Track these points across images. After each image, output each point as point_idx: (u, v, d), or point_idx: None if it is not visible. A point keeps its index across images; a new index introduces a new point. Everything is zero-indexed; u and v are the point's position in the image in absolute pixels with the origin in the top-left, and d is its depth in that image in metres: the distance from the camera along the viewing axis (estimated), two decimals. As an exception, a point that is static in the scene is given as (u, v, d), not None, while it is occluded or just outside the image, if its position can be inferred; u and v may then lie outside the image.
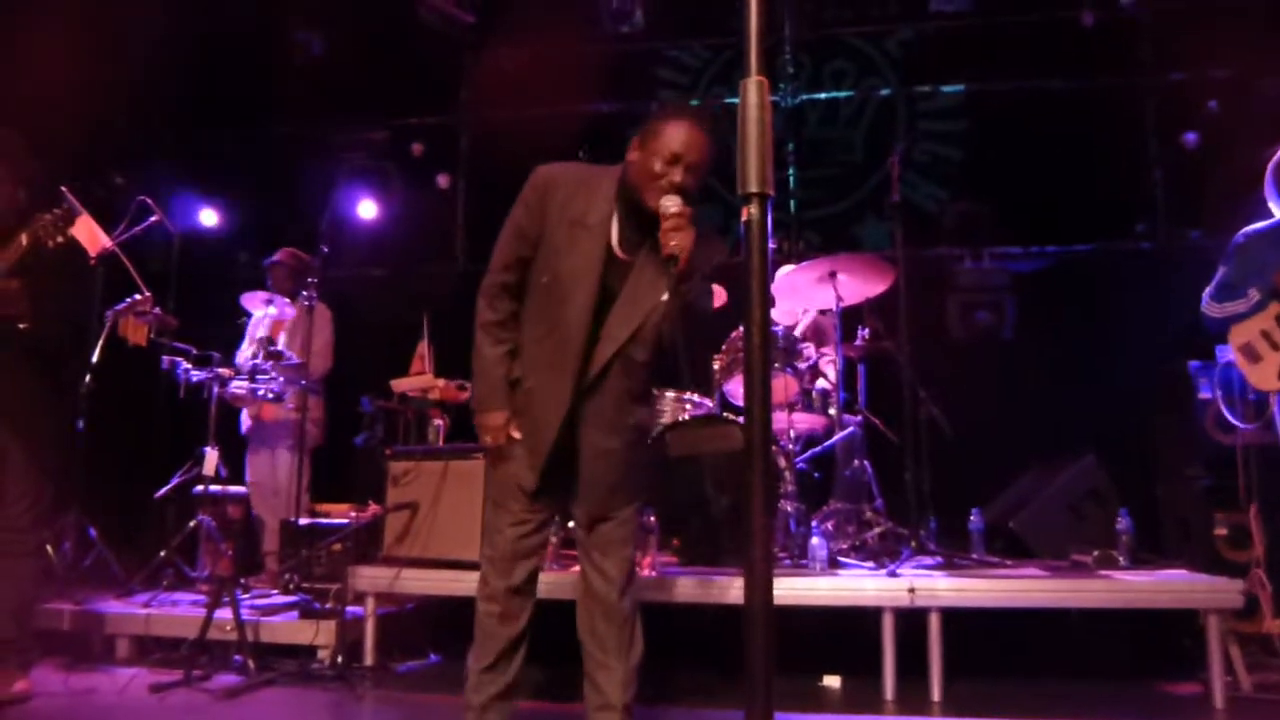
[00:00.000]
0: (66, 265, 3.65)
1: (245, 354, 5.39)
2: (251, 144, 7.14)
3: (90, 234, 4.68)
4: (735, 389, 4.80)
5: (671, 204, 2.42)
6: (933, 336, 5.59)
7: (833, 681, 3.85)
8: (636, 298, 2.56)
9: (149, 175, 6.20)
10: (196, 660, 3.77)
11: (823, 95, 6.99)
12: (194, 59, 6.67)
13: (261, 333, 5.32)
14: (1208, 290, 3.98)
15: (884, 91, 6.92)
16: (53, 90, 5.83)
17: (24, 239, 3.37)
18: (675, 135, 2.49)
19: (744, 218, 1.46)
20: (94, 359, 4.89)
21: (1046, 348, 6.17)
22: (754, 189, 1.48)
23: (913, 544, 4.22)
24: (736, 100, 1.53)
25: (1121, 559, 4.10)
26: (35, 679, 3.56)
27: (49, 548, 4.47)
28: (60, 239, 3.45)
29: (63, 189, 3.53)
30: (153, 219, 5.26)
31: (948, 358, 5.39)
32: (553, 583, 3.58)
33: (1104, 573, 3.95)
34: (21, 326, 3.45)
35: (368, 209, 6.72)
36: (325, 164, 7.01)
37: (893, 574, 3.79)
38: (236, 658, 3.80)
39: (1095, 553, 4.13)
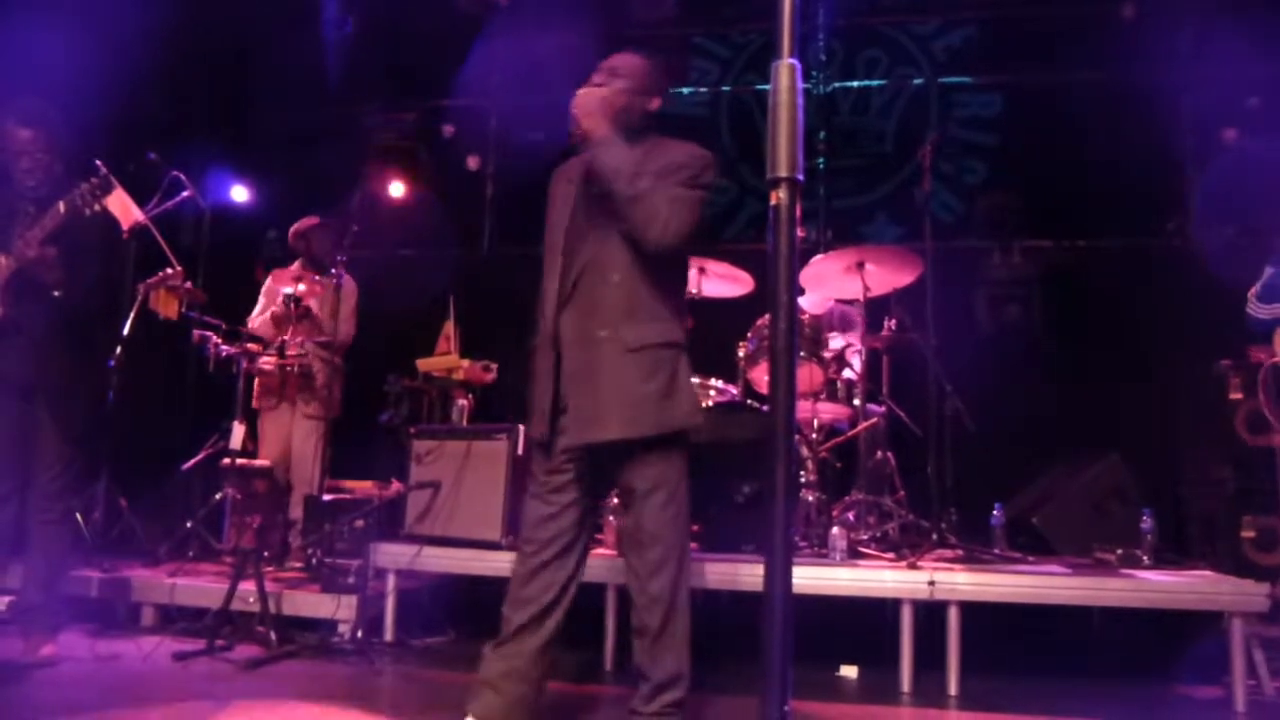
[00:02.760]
0: (100, 236, 3.70)
1: (261, 319, 5.42)
2: (283, 124, 7.18)
3: (124, 207, 4.74)
4: (760, 376, 4.79)
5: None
6: (959, 329, 5.55)
7: (849, 672, 3.85)
8: (590, 213, 2.69)
9: (182, 152, 6.24)
10: (219, 630, 3.82)
11: (855, 84, 6.94)
12: (227, 39, 6.72)
13: (290, 307, 5.34)
14: (1253, 290, 3.92)
15: (917, 81, 6.87)
16: (89, 67, 5.89)
17: (61, 208, 3.42)
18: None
19: (773, 202, 1.46)
20: (125, 331, 4.96)
21: (1074, 343, 6.12)
22: (783, 173, 1.47)
23: (933, 536, 4.20)
24: (768, 86, 1.53)
25: (1145, 558, 4.07)
26: (62, 644, 3.62)
27: (79, 516, 4.53)
28: (95, 209, 3.50)
29: (97, 162, 3.56)
30: (185, 194, 5.31)
31: (974, 350, 5.35)
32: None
33: (1127, 571, 3.92)
34: (56, 293, 3.50)
35: (397, 189, 6.75)
36: (356, 144, 7.05)
37: (913, 566, 3.78)
38: (259, 629, 3.84)
39: (1119, 551, 4.10)
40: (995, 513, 4.45)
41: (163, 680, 3.36)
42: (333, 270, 4.99)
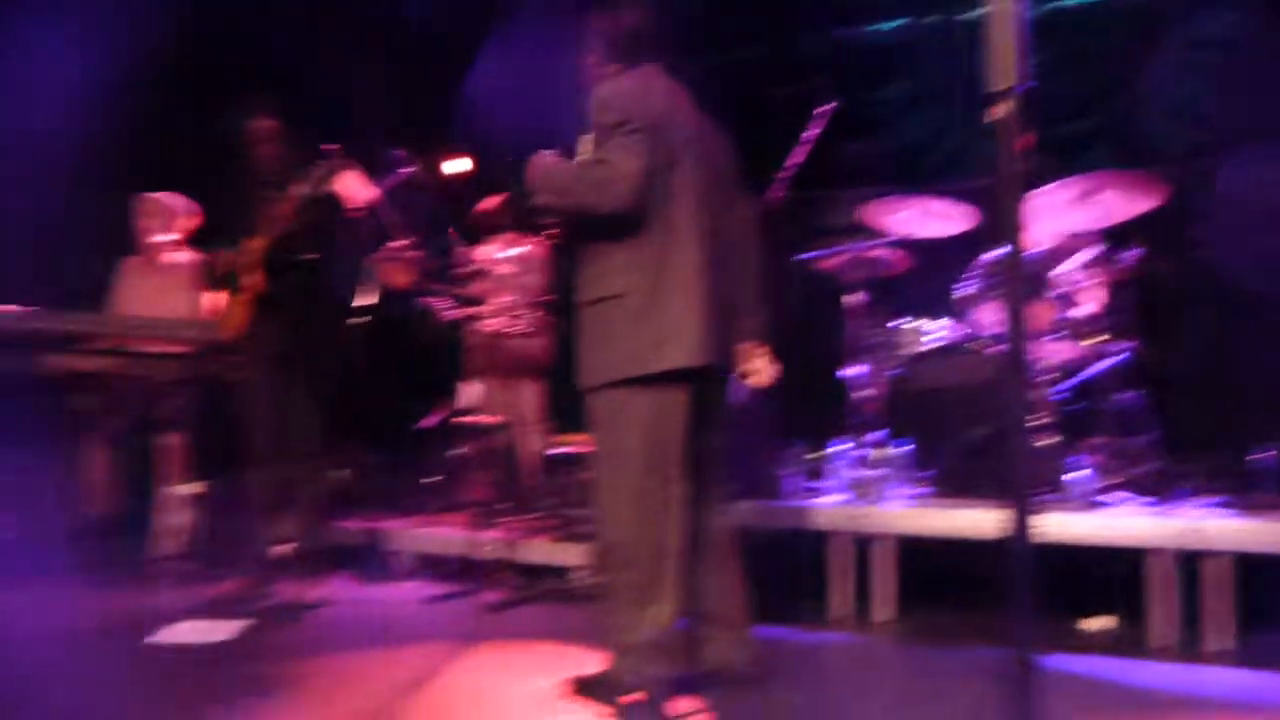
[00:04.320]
0: (336, 214, 3.97)
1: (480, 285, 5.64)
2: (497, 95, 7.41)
3: (354, 186, 5.06)
4: (985, 317, 4.56)
5: None
6: (1213, 255, 5.06)
7: (1097, 624, 3.64)
8: None
9: (402, 131, 6.59)
10: (466, 576, 4.07)
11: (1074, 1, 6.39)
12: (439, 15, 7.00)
13: (508, 270, 5.55)
14: None
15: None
16: (323, 56, 6.31)
17: (299, 189, 3.69)
18: None
19: (993, 117, 1.36)
20: (363, 301, 5.31)
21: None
22: (1004, 85, 1.37)
23: (1190, 480, 3.88)
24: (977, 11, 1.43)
25: None
26: (329, 587, 3.96)
27: (336, 472, 4.93)
28: (328, 188, 3.75)
29: (329, 147, 3.81)
30: (410, 170, 5.60)
31: (1233, 276, 4.86)
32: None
33: None
34: (308, 258, 3.79)
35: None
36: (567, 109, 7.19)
37: (1167, 511, 3.51)
38: (501, 575, 4.06)
39: None
40: (1263, 455, 4.05)
41: (418, 621, 3.62)
42: (546, 231, 5.13)
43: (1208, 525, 3.36)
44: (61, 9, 5.07)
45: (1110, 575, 3.76)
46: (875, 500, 3.91)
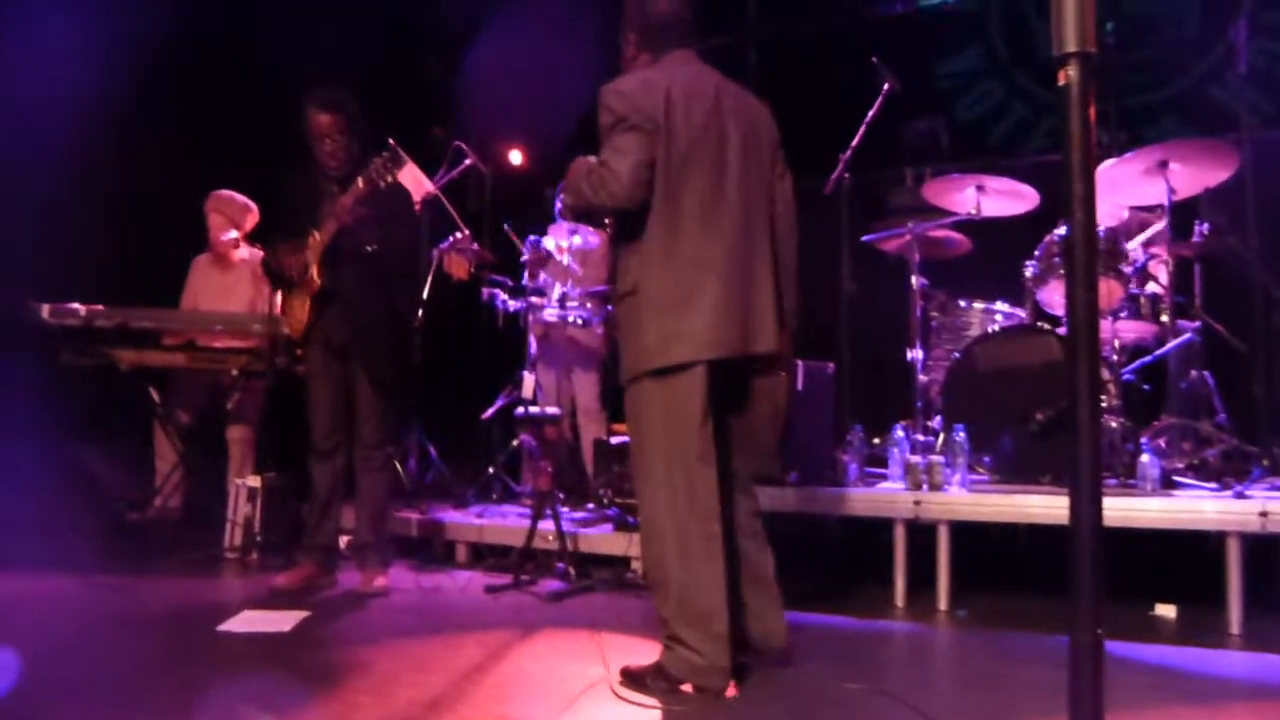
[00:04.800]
0: (397, 206, 4.02)
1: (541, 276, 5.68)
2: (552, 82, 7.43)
3: (415, 180, 5.12)
4: (1049, 297, 4.46)
5: None
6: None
7: (1167, 611, 3.54)
8: None
9: (462, 123, 6.64)
10: (524, 566, 4.10)
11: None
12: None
13: (567, 260, 5.58)
14: None
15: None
16: (381, 55, 6.39)
17: (360, 183, 3.74)
18: None
19: (1061, 81, 1.31)
20: (424, 294, 5.38)
21: None
22: (1072, 47, 1.32)
23: (1265, 463, 3.76)
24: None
25: None
26: (392, 576, 4.02)
27: (397, 464, 5.00)
28: (390, 180, 3.80)
29: (390, 140, 3.85)
30: (467, 162, 5.66)
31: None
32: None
33: None
34: (369, 249, 3.84)
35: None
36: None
37: (1240, 495, 3.41)
38: (559, 565, 4.08)
39: None
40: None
41: (477, 610, 3.65)
42: (605, 221, 5.14)
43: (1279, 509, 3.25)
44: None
45: (1182, 561, 3.67)
46: (938, 486, 3.84)
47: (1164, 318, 4.26)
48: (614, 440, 4.93)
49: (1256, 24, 4.32)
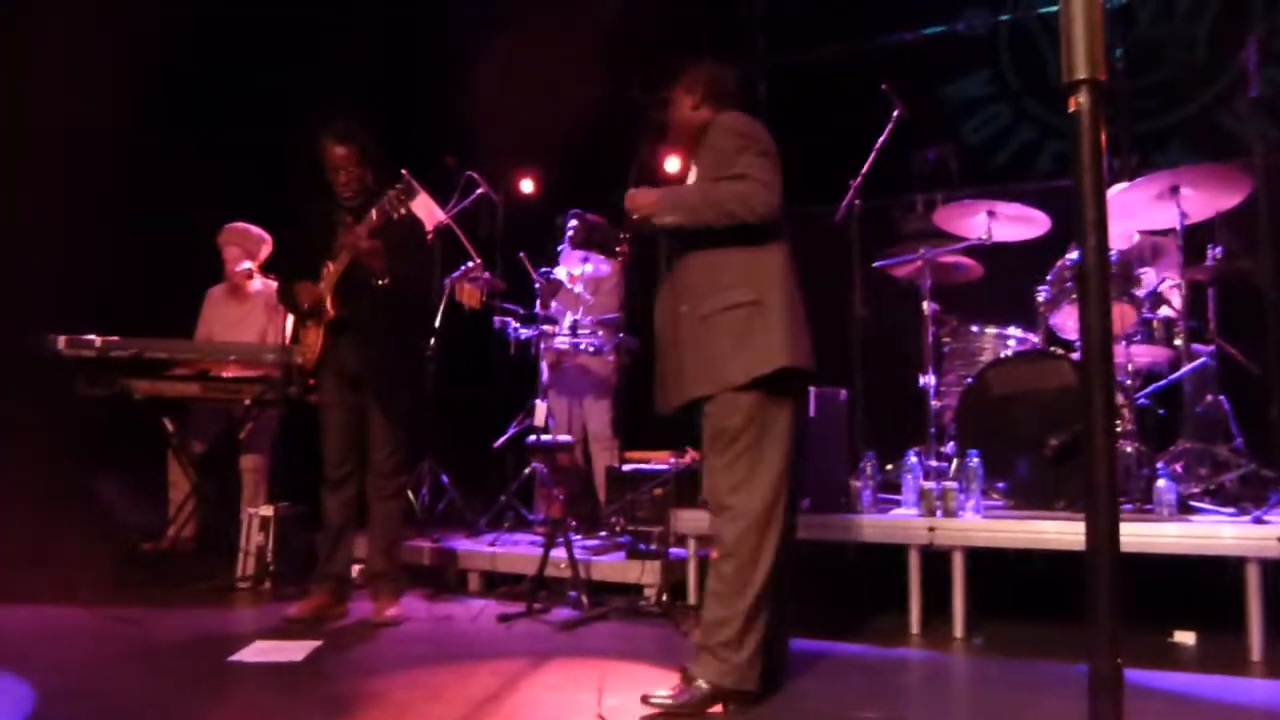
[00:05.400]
0: (410, 235, 4.04)
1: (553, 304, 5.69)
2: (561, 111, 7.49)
3: (428, 210, 5.15)
4: (1062, 322, 4.44)
5: None
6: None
7: (1186, 638, 3.50)
8: None
9: (474, 152, 6.69)
10: (537, 594, 4.08)
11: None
12: (504, 36, 7.11)
13: (578, 289, 5.60)
14: None
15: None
16: (391, 89, 6.46)
17: (374, 214, 3.77)
18: None
19: (1071, 108, 1.32)
20: (437, 323, 5.41)
21: None
22: (1082, 75, 1.33)
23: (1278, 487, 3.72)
24: (1053, 8, 1.39)
25: None
26: (404, 605, 4.01)
27: (410, 493, 5.00)
28: (403, 211, 3.83)
29: (403, 171, 3.88)
30: (479, 191, 5.70)
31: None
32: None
33: None
34: (382, 282, 3.87)
35: (672, 165, 6.87)
36: (630, 125, 7.22)
37: (1258, 520, 3.37)
38: (571, 593, 4.06)
39: None
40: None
41: (490, 639, 3.64)
42: (617, 250, 5.16)
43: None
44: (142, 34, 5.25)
45: (1200, 587, 3.63)
46: (952, 512, 3.82)
47: (1178, 341, 4.24)
48: (625, 468, 4.93)
49: (1266, 50, 4.32)
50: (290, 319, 4.29)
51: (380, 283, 3.86)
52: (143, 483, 5.22)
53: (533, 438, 5.04)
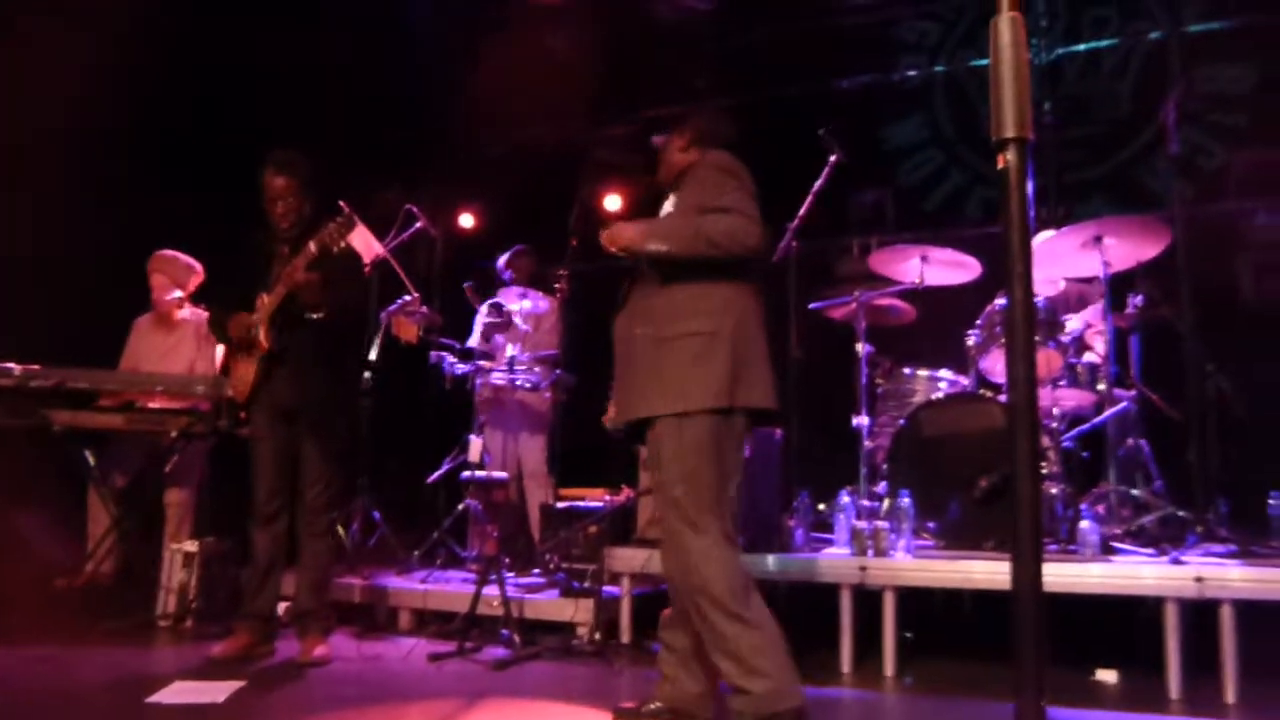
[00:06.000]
0: (348, 268, 4.00)
1: (486, 340, 5.68)
2: (503, 150, 7.52)
3: (366, 243, 5.11)
4: (992, 365, 4.56)
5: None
6: (1220, 301, 5.05)
7: (1108, 676, 3.58)
8: None
9: (413, 184, 6.67)
10: (468, 633, 4.02)
11: (1082, 46, 6.47)
12: (450, 73, 7.12)
13: (520, 323, 5.60)
14: None
15: (1154, 35, 6.31)
16: (332, 114, 6.41)
17: (312, 246, 3.73)
18: None
19: (1000, 165, 1.37)
20: (372, 357, 5.34)
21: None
22: (1010, 133, 1.38)
23: (1199, 529, 3.84)
24: (985, 61, 1.45)
25: None
26: (332, 644, 3.92)
27: (340, 528, 4.90)
28: (342, 245, 3.80)
29: (341, 203, 3.85)
30: (418, 225, 5.67)
31: (1239, 324, 4.86)
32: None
33: None
34: (316, 316, 3.82)
35: (613, 203, 6.92)
36: (573, 162, 7.27)
37: (1176, 561, 3.47)
38: (504, 632, 4.01)
39: None
40: (1274, 502, 4.02)
41: (420, 679, 3.57)
42: (555, 286, 5.18)
43: (1217, 574, 3.31)
44: (67, 55, 5.15)
45: (1122, 626, 3.71)
46: (884, 552, 3.86)
47: (1101, 386, 4.37)
48: (560, 505, 4.90)
49: (1184, 110, 4.51)
50: (221, 350, 4.21)
51: (316, 316, 3.81)
52: (61, 517, 5.05)
53: (467, 473, 5.00)
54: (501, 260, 5.93)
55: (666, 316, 2.81)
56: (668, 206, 3.03)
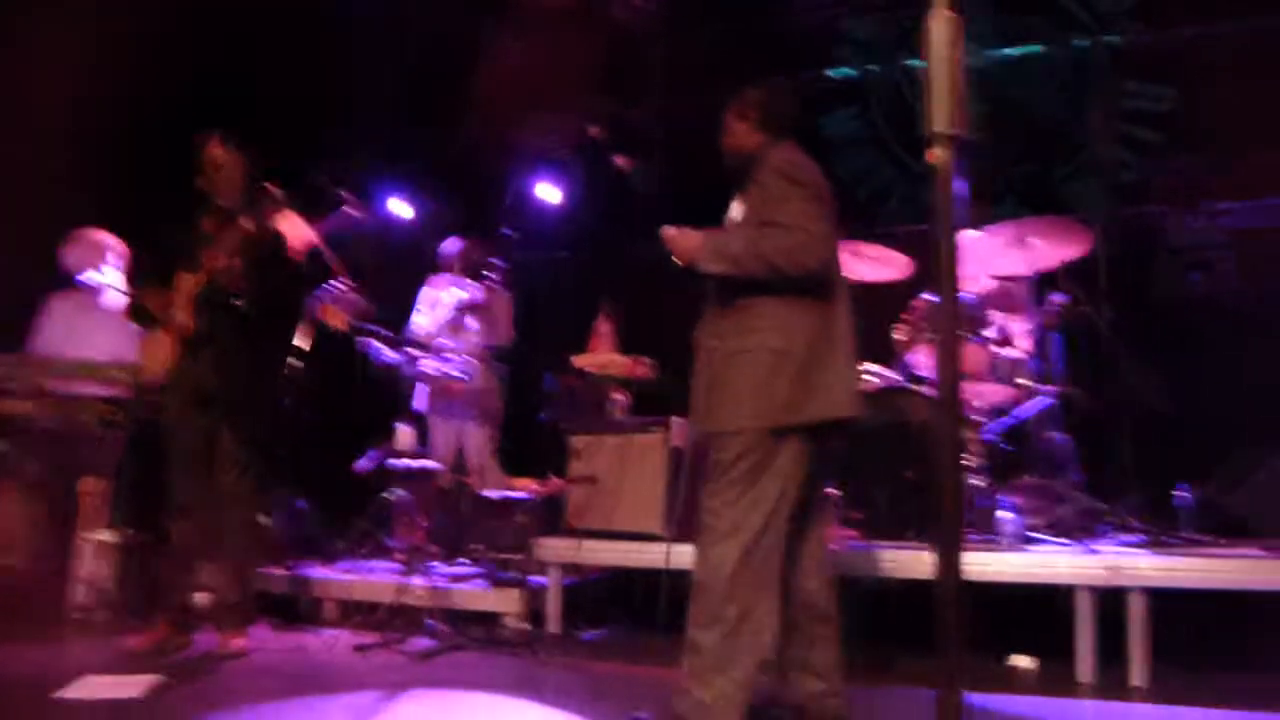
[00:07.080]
0: (275, 254, 3.92)
1: (424, 329, 5.62)
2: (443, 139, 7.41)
3: (295, 227, 5.00)
4: (917, 359, 4.63)
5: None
6: (1138, 300, 5.19)
7: (1024, 662, 3.67)
8: None
9: (348, 171, 6.54)
10: (393, 624, 3.98)
11: (1012, 51, 6.60)
12: (391, 58, 7.01)
13: (449, 315, 5.54)
14: None
15: (1081, 43, 6.46)
16: (265, 95, 6.27)
17: (240, 228, 3.65)
18: None
19: (929, 160, 1.38)
20: (299, 344, 5.23)
21: (1272, 310, 5.60)
22: (941, 129, 1.40)
23: (1113, 520, 3.96)
24: (919, 63, 1.47)
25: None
26: (253, 636, 3.84)
27: (263, 518, 4.80)
28: (270, 230, 3.72)
29: (270, 186, 3.77)
30: (351, 211, 5.56)
31: (1155, 323, 5.00)
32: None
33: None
34: (237, 303, 3.73)
35: (551, 193, 6.87)
36: (510, 150, 7.21)
37: (1089, 550, 3.57)
38: (429, 622, 3.97)
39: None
40: (1181, 494, 4.15)
41: (344, 670, 3.52)
42: (492, 276, 5.16)
43: (1127, 563, 3.42)
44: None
45: (1037, 613, 3.81)
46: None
47: (1022, 381, 4.47)
48: (490, 494, 4.87)
49: (1107, 118, 4.64)
50: (137, 330, 4.10)
51: (238, 302, 3.73)
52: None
53: (394, 462, 4.93)
54: (455, 249, 5.85)
55: (734, 331, 2.76)
56: (734, 211, 2.91)
